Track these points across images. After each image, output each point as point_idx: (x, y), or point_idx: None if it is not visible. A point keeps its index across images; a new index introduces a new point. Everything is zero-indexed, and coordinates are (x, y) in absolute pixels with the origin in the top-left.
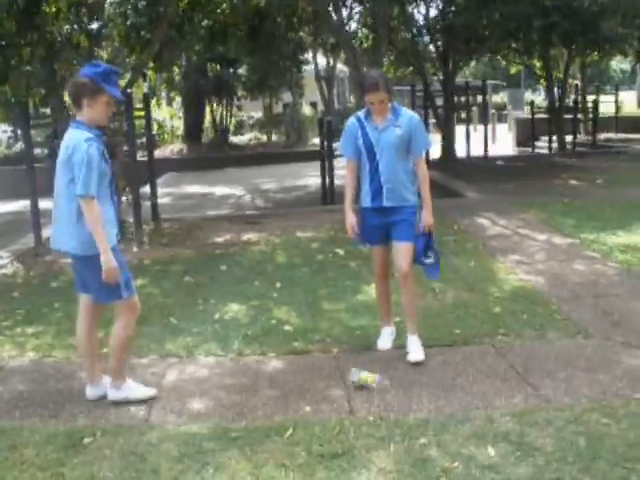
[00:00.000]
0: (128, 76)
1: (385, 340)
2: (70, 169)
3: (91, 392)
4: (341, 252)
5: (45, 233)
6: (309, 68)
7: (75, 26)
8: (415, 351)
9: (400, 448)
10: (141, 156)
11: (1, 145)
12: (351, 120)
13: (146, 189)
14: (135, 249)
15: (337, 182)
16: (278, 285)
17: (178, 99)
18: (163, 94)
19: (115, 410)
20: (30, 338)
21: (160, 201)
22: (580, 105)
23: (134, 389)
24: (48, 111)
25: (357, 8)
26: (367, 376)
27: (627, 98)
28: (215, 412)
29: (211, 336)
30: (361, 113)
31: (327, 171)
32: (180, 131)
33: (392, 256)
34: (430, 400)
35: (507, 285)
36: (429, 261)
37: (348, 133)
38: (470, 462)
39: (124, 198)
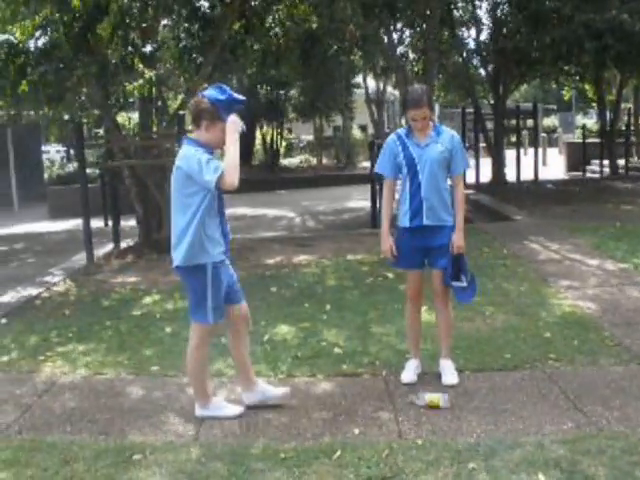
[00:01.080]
0: (180, 98)
1: (410, 373)
2: (186, 182)
3: (247, 398)
4: (390, 275)
5: (97, 252)
6: (359, 91)
7: (129, 48)
8: (449, 374)
9: (449, 472)
10: None
11: (55, 165)
12: (391, 137)
13: None
14: None
15: None
16: (328, 307)
17: None
18: None
19: (164, 427)
20: (81, 355)
21: None
22: (633, 129)
23: (222, 407)
24: (101, 132)
25: (408, 31)
26: (433, 397)
27: None
28: (264, 432)
29: (261, 357)
30: (401, 130)
31: (377, 194)
32: None
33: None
34: (479, 424)
35: (558, 310)
36: (459, 284)
37: (388, 150)
38: None
39: None
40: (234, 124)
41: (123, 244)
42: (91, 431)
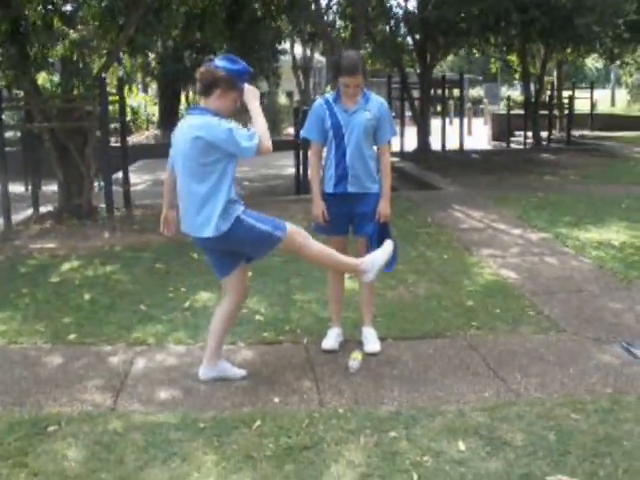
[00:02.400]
0: (102, 60)
1: (331, 340)
2: (207, 151)
3: (206, 372)
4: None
5: (16, 217)
6: (286, 58)
7: (49, 7)
8: (372, 342)
9: (370, 441)
10: (114, 142)
11: None
12: (318, 102)
13: (119, 175)
14: (106, 235)
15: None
16: (250, 274)
17: (153, 86)
18: (138, 80)
19: (81, 398)
20: None
21: (133, 188)
22: (556, 102)
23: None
24: (21, 93)
25: None
26: (360, 355)
27: (601, 96)
28: (183, 402)
29: (181, 324)
30: (329, 96)
31: (301, 161)
32: (155, 117)
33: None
34: (401, 393)
35: (480, 279)
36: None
37: (314, 115)
38: (440, 456)
39: (96, 184)
40: (253, 91)
41: (43, 209)
42: (5, 402)
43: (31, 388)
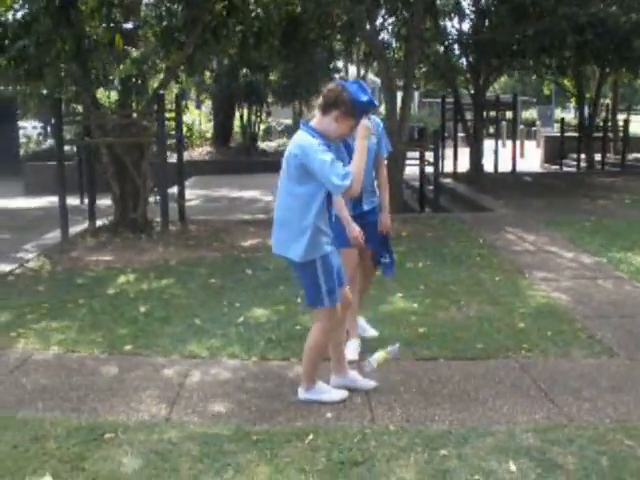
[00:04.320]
0: (160, 77)
1: (352, 351)
2: (301, 173)
3: (334, 382)
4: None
5: (72, 229)
6: (340, 76)
7: (111, 25)
8: (371, 329)
9: (421, 459)
10: (170, 157)
11: (31, 141)
12: None
13: (173, 190)
14: (161, 249)
15: None
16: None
17: (207, 102)
18: (192, 97)
19: (137, 407)
20: (54, 332)
21: (187, 203)
22: (610, 124)
23: (326, 392)
24: (79, 108)
25: (390, 19)
26: (380, 355)
27: None
28: (237, 414)
29: (235, 339)
30: None
31: None
32: (209, 134)
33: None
34: (452, 412)
35: (532, 301)
36: (385, 261)
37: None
38: (491, 476)
39: (151, 198)
40: (366, 129)
41: (99, 222)
42: (63, 409)
43: (88, 396)
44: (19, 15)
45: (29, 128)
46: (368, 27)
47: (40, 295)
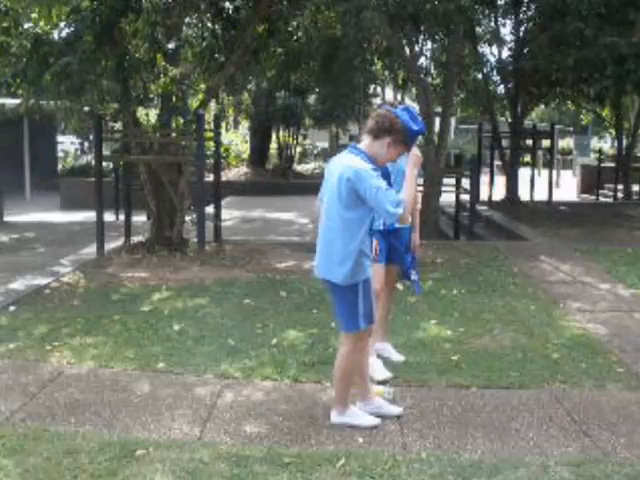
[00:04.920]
0: (200, 97)
1: (382, 370)
2: (350, 195)
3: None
4: (400, 287)
5: (107, 245)
6: (377, 101)
7: (154, 45)
8: (397, 353)
9: None
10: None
11: (69, 156)
12: None
13: (209, 210)
14: (196, 268)
15: None
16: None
17: (244, 123)
18: (230, 118)
19: (169, 425)
20: (88, 347)
21: (223, 224)
22: None
23: (357, 416)
24: (117, 126)
25: (429, 44)
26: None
27: None
28: (269, 436)
29: (268, 360)
30: None
31: None
32: (245, 155)
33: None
34: (484, 442)
35: (567, 332)
36: (414, 278)
37: None
38: None
39: (188, 218)
40: (418, 158)
41: (134, 239)
42: (95, 423)
43: (120, 412)
44: (64, 33)
45: (67, 143)
46: (407, 53)
47: (75, 310)
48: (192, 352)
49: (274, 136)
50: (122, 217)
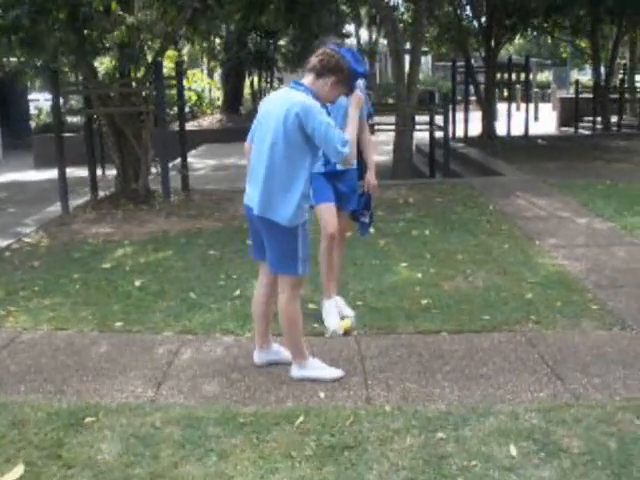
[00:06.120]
0: (158, 44)
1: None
2: (296, 133)
3: (258, 357)
4: (371, 230)
5: (76, 202)
6: (350, 41)
7: None
8: (348, 308)
9: (415, 442)
10: (176, 127)
11: (42, 113)
12: None
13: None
14: (162, 220)
15: (376, 157)
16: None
17: (220, 71)
18: (204, 65)
19: (122, 388)
20: (45, 310)
21: (196, 173)
22: (627, 85)
23: (318, 369)
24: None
25: None
26: (347, 324)
27: None
28: (226, 395)
29: (230, 313)
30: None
31: None
32: (219, 102)
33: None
34: (452, 390)
35: (542, 270)
36: (365, 220)
37: None
38: (489, 461)
39: (153, 169)
40: (359, 99)
41: (102, 194)
42: (46, 391)
43: (73, 377)
44: None
45: (42, 100)
46: None
47: (34, 271)
48: (152, 309)
49: (247, 81)
50: (108, 172)
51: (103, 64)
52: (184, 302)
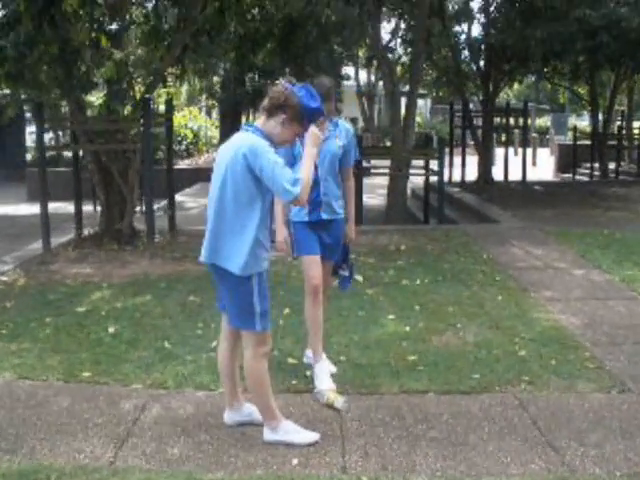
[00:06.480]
0: (147, 80)
1: (328, 379)
2: (246, 175)
3: (228, 417)
4: (360, 279)
5: (61, 239)
6: (350, 83)
7: (95, 26)
8: (331, 365)
9: None
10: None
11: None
12: None
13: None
14: (145, 262)
15: (370, 201)
16: (287, 311)
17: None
18: (202, 103)
19: (80, 447)
20: (11, 356)
21: (188, 212)
22: (625, 132)
23: (292, 432)
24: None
25: (394, 21)
26: (331, 397)
27: None
28: (191, 459)
29: (205, 366)
30: None
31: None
32: (216, 141)
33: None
34: (436, 460)
35: (537, 325)
36: (344, 273)
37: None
38: None
39: (138, 208)
40: (316, 137)
41: (87, 232)
42: None
43: (29, 433)
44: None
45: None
46: (370, 30)
47: (5, 312)
48: (123, 358)
49: (244, 120)
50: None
51: (99, 99)
52: (158, 352)
